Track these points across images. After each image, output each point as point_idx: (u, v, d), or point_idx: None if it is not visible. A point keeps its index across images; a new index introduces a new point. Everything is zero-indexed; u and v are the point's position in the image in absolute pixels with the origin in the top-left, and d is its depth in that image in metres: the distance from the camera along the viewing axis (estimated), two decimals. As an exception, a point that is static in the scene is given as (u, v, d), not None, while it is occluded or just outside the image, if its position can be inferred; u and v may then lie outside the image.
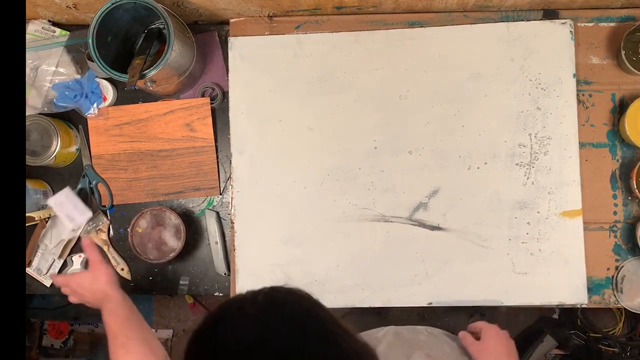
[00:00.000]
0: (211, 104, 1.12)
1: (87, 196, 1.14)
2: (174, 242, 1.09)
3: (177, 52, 0.97)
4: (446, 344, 0.87)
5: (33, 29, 1.12)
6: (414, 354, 0.79)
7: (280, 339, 0.47)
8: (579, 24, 1.07)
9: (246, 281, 1.06)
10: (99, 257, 0.94)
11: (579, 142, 1.04)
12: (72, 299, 0.94)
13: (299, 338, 0.47)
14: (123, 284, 1.14)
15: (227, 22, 1.13)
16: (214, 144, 1.11)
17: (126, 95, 1.15)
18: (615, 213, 1.06)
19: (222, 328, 0.49)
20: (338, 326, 0.50)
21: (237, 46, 1.10)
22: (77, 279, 0.93)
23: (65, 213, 1.05)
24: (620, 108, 1.06)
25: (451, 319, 1.19)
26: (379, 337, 0.87)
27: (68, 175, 1.15)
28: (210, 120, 1.10)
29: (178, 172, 1.11)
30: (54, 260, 1.13)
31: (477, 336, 0.87)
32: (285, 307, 0.50)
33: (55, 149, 1.08)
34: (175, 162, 1.11)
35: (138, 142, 1.11)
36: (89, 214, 1.06)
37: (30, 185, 1.10)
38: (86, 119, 1.12)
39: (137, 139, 1.11)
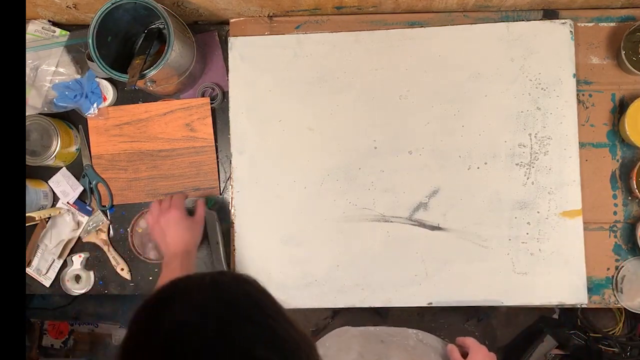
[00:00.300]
0: (211, 104, 1.12)
1: (87, 196, 1.14)
2: (174, 242, 1.09)
3: (177, 52, 0.97)
4: (433, 352, 0.86)
5: (33, 29, 1.12)
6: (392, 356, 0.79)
7: (216, 322, 0.46)
8: (579, 24, 1.07)
9: (246, 281, 1.06)
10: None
11: (579, 142, 1.05)
12: (154, 230, 0.98)
13: (235, 322, 0.47)
14: (123, 283, 1.14)
15: (227, 22, 1.13)
16: (214, 144, 1.11)
17: (126, 95, 1.15)
18: (615, 213, 1.06)
19: (162, 306, 0.49)
20: (279, 314, 0.50)
21: (237, 46, 1.10)
22: (181, 215, 0.98)
23: (60, 190, 1.13)
24: (620, 108, 1.06)
25: (447, 320, 1.19)
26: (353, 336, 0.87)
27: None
28: (210, 120, 1.10)
29: (178, 172, 1.11)
30: (54, 260, 1.13)
31: (465, 351, 0.86)
32: (228, 291, 0.50)
33: (55, 149, 1.08)
34: (175, 162, 1.11)
35: (138, 142, 1.11)
36: (80, 188, 1.14)
37: (30, 185, 1.10)
38: (86, 119, 1.12)
39: (137, 139, 1.11)
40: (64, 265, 1.14)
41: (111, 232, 1.14)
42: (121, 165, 1.12)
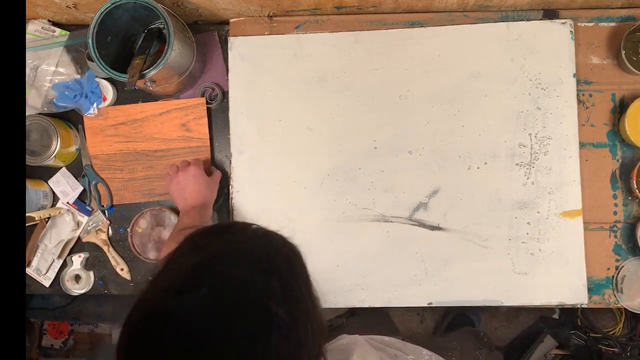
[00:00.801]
0: (211, 104, 1.12)
1: (87, 196, 1.14)
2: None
3: (177, 52, 0.97)
4: None
5: (33, 29, 1.12)
6: None
7: (249, 266, 0.52)
8: (579, 24, 1.07)
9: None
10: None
11: (579, 142, 1.04)
12: (172, 187, 1.01)
13: (266, 272, 0.52)
14: (123, 283, 1.14)
15: (227, 22, 1.13)
16: (209, 144, 1.11)
17: (126, 95, 1.15)
18: (615, 213, 1.06)
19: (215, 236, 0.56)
20: (309, 291, 0.58)
21: (237, 46, 1.10)
22: (201, 172, 1.00)
23: (60, 190, 1.14)
24: (621, 108, 1.06)
25: (459, 343, 1.19)
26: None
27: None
28: (205, 120, 1.10)
29: None
30: (54, 260, 1.13)
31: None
32: (274, 246, 0.57)
33: (55, 149, 1.08)
34: (171, 162, 1.11)
35: (134, 142, 1.11)
36: (79, 188, 1.14)
37: (30, 185, 1.10)
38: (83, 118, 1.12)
39: (132, 139, 1.11)
40: (64, 265, 1.14)
41: (111, 232, 1.14)
42: (117, 166, 1.12)
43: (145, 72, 0.96)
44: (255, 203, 1.08)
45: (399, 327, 1.79)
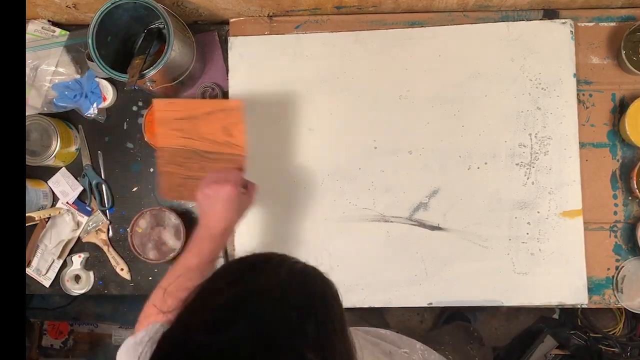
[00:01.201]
0: (211, 104, 1.12)
1: (86, 196, 1.14)
2: (173, 242, 1.09)
3: (177, 52, 0.97)
4: None
5: (33, 29, 1.12)
6: None
7: (288, 308, 0.49)
8: (579, 24, 1.07)
9: (246, 281, 1.06)
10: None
11: (579, 142, 1.04)
12: (201, 197, 0.89)
13: (302, 316, 0.49)
14: (123, 283, 1.14)
15: (227, 22, 1.13)
16: (245, 153, 0.96)
17: (126, 95, 1.15)
18: (615, 213, 1.06)
19: (252, 271, 0.52)
20: (343, 329, 0.52)
21: (237, 46, 1.10)
22: (236, 193, 0.88)
23: (60, 190, 1.13)
24: (621, 108, 1.06)
25: (451, 337, 1.19)
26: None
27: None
28: (242, 126, 0.95)
29: None
30: (54, 260, 1.13)
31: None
32: (312, 285, 0.54)
33: (55, 149, 1.08)
34: (215, 167, 0.98)
35: (191, 139, 0.99)
36: (79, 188, 1.14)
37: (30, 185, 1.10)
38: (151, 105, 1.05)
39: (190, 135, 0.99)
40: (64, 266, 1.14)
41: (111, 232, 1.14)
42: (179, 161, 1.01)
43: (145, 72, 0.96)
44: (255, 203, 1.08)
45: (399, 326, 1.79)
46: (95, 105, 1.11)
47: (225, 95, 1.12)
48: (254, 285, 0.50)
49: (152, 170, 1.14)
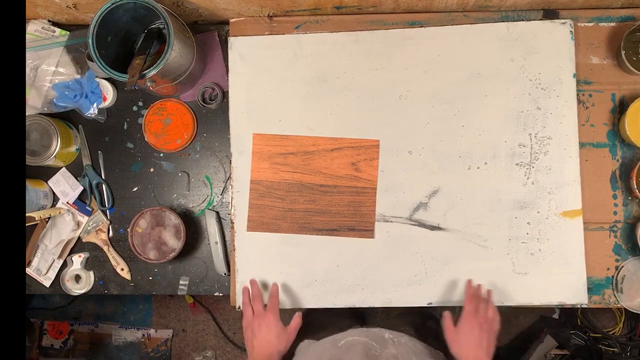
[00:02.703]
0: (211, 104, 1.12)
1: (87, 196, 1.14)
2: (174, 242, 1.09)
3: (177, 52, 0.97)
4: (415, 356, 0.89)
5: (33, 29, 1.12)
6: None
7: None
8: (579, 24, 1.07)
9: (246, 281, 1.06)
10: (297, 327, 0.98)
11: (579, 142, 1.04)
12: (247, 332, 0.97)
13: None
14: (123, 283, 1.14)
15: (227, 22, 1.13)
16: (376, 186, 1.06)
17: (126, 95, 1.15)
18: (615, 213, 1.06)
19: None
20: None
21: (237, 46, 1.10)
22: (276, 321, 0.96)
23: (60, 190, 1.13)
24: (620, 108, 1.06)
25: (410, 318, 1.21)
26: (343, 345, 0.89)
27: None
28: (377, 162, 1.06)
29: (335, 210, 1.07)
30: (54, 260, 1.13)
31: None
32: None
33: (55, 149, 1.08)
34: (334, 199, 1.07)
35: (300, 173, 1.08)
36: (79, 188, 1.14)
37: (30, 185, 1.10)
38: (252, 142, 1.08)
39: (300, 170, 1.07)
40: (64, 265, 1.14)
41: (111, 232, 1.14)
42: (279, 194, 1.08)
43: (145, 72, 0.96)
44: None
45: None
46: (95, 105, 1.11)
47: (225, 95, 1.12)
48: None
49: (152, 170, 1.14)
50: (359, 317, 1.35)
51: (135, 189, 1.14)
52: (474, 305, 0.94)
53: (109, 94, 1.13)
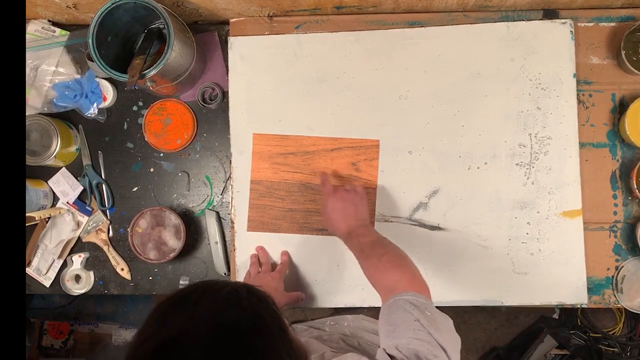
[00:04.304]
0: (211, 104, 1.12)
1: (87, 196, 1.14)
2: (174, 242, 1.09)
3: (177, 52, 0.97)
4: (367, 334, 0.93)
5: (33, 29, 1.12)
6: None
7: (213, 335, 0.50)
8: (579, 24, 1.07)
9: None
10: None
11: (579, 142, 1.04)
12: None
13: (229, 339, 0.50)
14: (123, 283, 1.14)
15: (227, 22, 1.13)
16: (376, 186, 1.07)
17: (126, 95, 1.15)
18: (615, 213, 1.06)
19: (177, 307, 0.53)
20: (285, 338, 0.54)
21: (237, 46, 1.10)
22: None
23: (60, 190, 1.13)
24: (621, 108, 1.06)
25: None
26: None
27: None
28: (377, 162, 1.06)
29: None
30: (54, 260, 1.13)
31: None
32: (239, 305, 0.53)
33: (55, 149, 1.08)
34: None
35: (301, 173, 1.07)
36: (79, 188, 1.14)
37: (30, 185, 1.10)
38: (252, 142, 1.09)
39: (300, 170, 1.07)
40: (64, 265, 1.14)
41: (111, 232, 1.14)
42: (279, 195, 1.08)
43: (145, 72, 0.96)
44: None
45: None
46: (95, 105, 1.11)
47: (225, 95, 1.12)
48: (185, 324, 0.50)
49: (152, 170, 1.14)
50: None
51: (135, 189, 1.14)
52: (329, 186, 0.99)
53: (109, 94, 1.13)
